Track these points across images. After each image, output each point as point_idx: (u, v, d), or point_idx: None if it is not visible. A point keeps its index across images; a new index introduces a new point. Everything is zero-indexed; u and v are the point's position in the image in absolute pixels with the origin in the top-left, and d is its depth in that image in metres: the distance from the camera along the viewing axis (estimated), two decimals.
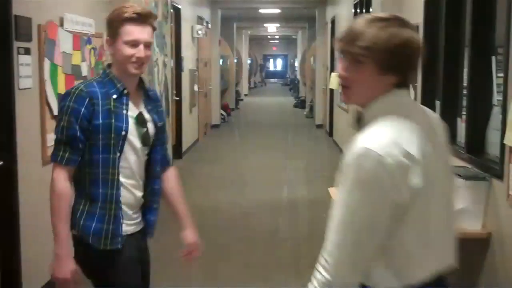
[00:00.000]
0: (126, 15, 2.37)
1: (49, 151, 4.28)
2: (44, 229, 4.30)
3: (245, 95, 25.54)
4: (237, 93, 20.59)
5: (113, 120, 2.36)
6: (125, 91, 2.42)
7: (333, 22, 11.78)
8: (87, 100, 2.33)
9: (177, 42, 9.40)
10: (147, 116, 2.49)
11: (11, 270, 3.92)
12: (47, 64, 4.27)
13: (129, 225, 2.48)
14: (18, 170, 3.86)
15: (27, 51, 4.00)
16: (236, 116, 17.53)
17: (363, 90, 1.71)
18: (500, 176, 3.22)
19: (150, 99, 2.56)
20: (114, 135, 2.36)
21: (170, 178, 2.67)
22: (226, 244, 4.99)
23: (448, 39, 4.39)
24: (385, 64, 1.67)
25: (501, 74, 3.37)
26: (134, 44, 2.38)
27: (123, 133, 2.38)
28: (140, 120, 2.45)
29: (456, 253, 1.87)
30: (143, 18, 2.39)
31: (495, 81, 3.64)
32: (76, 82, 4.80)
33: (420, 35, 4.88)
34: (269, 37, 34.83)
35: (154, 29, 2.48)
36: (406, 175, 1.59)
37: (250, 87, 29.95)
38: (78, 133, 2.33)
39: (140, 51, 2.38)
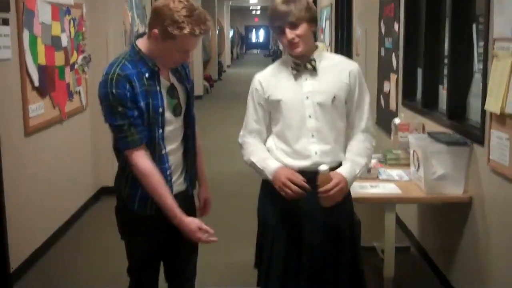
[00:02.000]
0: (194, 31, 2.27)
1: (32, 122, 4.30)
2: (29, 200, 4.31)
3: (228, 66, 25.39)
4: (220, 64, 20.46)
5: (150, 100, 2.35)
6: (156, 69, 2.39)
7: None
8: (127, 83, 2.30)
9: None
10: (177, 85, 2.49)
11: None
12: (26, 35, 4.21)
13: (173, 187, 2.49)
14: (0, 142, 3.82)
15: (5, 22, 3.94)
16: (219, 88, 17.46)
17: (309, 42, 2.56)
18: (481, 141, 3.25)
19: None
20: (153, 114, 2.35)
21: (196, 136, 2.69)
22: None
23: (429, 8, 4.38)
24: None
25: (482, 42, 3.37)
26: (185, 52, 2.37)
27: (161, 110, 2.38)
28: (171, 93, 2.44)
29: None
30: (204, 32, 2.34)
31: (476, 49, 3.65)
32: (56, 53, 4.75)
33: (401, 5, 4.89)
34: (251, 8, 34.52)
35: None
36: None
37: (232, 58, 29.76)
38: (135, 113, 2.32)
39: (187, 57, 2.40)
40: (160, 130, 2.39)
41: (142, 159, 2.35)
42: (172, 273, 2.69)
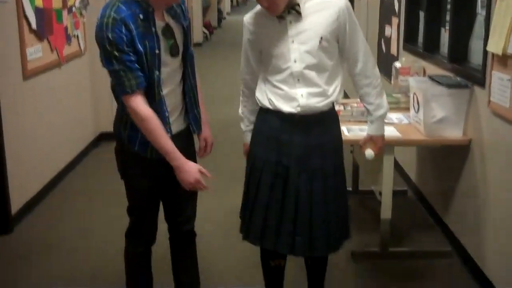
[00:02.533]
0: None
1: (30, 66, 4.27)
2: (28, 144, 4.32)
3: (228, 13, 25.07)
4: (219, 12, 20.20)
5: (147, 42, 2.31)
6: (150, 9, 2.33)
7: None
8: (123, 26, 2.24)
9: None
10: (173, 25, 2.43)
11: None
12: None
13: (172, 127, 2.48)
14: None
15: None
16: (218, 35, 17.28)
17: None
18: (482, 83, 3.23)
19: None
20: (150, 57, 2.32)
21: None
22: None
23: None
24: None
25: None
26: None
27: (157, 51, 2.34)
28: (167, 33, 2.38)
29: None
30: None
31: None
32: None
33: None
34: None
35: None
36: None
37: (232, 6, 29.37)
38: (132, 57, 2.28)
39: None
40: (157, 73, 2.36)
41: (139, 104, 2.32)
42: (171, 214, 2.71)
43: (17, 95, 4.16)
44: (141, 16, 2.29)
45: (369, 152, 2.78)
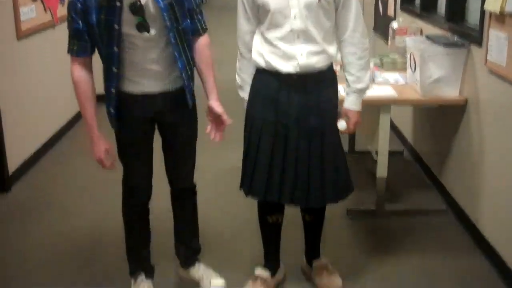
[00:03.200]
0: None
1: (24, 26, 4.24)
2: (23, 103, 4.31)
3: None
4: None
5: (104, 15, 2.31)
6: None
7: None
8: None
9: None
10: (149, 2, 2.36)
11: None
12: None
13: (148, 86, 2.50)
14: None
15: None
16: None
17: None
18: (479, 42, 3.23)
19: None
20: (106, 30, 2.33)
21: (200, 47, 2.59)
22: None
23: None
24: None
25: None
26: None
27: (116, 27, 2.33)
28: (134, 10, 2.34)
29: None
30: None
31: None
32: None
33: None
34: None
35: None
36: None
37: None
38: (81, 26, 2.34)
39: None
40: (116, 49, 2.37)
41: (75, 69, 2.43)
42: (171, 170, 2.76)
43: (11, 55, 4.14)
44: None
45: (341, 124, 2.63)
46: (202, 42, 2.61)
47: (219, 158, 4.53)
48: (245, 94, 2.71)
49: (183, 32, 2.47)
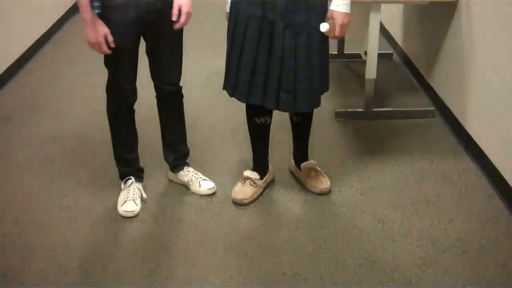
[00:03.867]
0: None
1: None
2: (3, 9, 4.17)
3: None
4: None
5: None
6: None
7: None
8: None
9: None
10: None
11: None
12: None
13: None
14: None
15: None
16: None
17: None
18: None
19: None
20: None
21: None
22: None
23: None
24: None
25: None
26: None
27: None
28: None
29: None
30: None
31: None
32: None
33: None
34: None
35: None
36: None
37: None
38: None
39: None
40: None
41: None
42: (156, 73, 2.73)
43: None
44: None
45: (324, 25, 2.48)
46: None
47: (206, 62, 4.48)
48: None
49: None
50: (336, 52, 4.47)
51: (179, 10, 2.50)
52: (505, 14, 2.83)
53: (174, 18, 2.51)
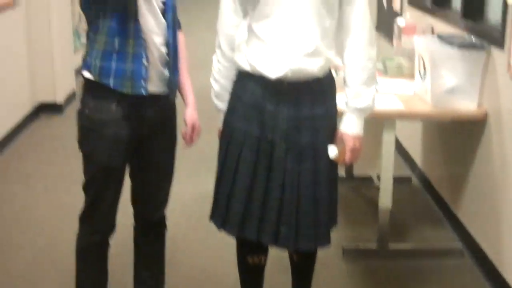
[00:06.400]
0: None
1: None
2: None
3: None
4: None
5: None
6: None
7: None
8: None
9: None
10: None
11: None
12: None
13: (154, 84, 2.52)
14: None
15: None
16: None
17: None
18: (500, 43, 3.23)
19: None
20: None
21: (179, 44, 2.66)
22: None
23: None
24: None
25: None
26: None
27: None
28: None
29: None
30: None
31: None
32: None
33: None
34: None
35: None
36: None
37: None
38: None
39: None
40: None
41: None
42: (140, 197, 2.74)
43: None
44: None
45: (332, 149, 2.54)
46: (181, 39, 2.69)
47: (190, 183, 4.50)
48: (223, 104, 2.67)
49: (170, 9, 2.53)
50: (344, 174, 4.49)
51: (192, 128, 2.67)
52: None
53: (187, 136, 2.66)
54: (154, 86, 2.51)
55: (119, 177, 2.61)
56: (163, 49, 2.52)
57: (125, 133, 2.51)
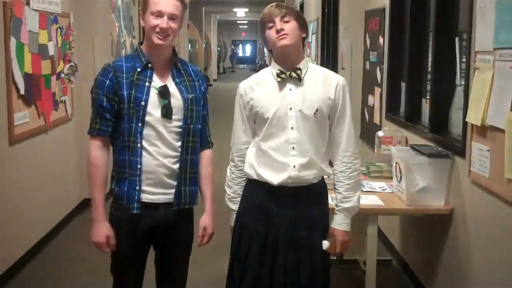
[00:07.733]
0: None
1: (17, 131, 4.29)
2: (12, 209, 4.28)
3: (214, 80, 25.39)
4: (206, 78, 20.43)
5: (133, 91, 2.47)
6: (149, 65, 2.52)
7: (302, 6, 11.80)
8: (112, 73, 2.49)
9: None
10: (172, 89, 2.54)
11: None
12: (13, 42, 4.21)
13: (153, 194, 2.53)
14: None
15: None
16: None
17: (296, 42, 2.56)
18: (462, 153, 3.29)
19: (182, 73, 2.59)
20: (134, 105, 2.47)
21: (204, 159, 2.69)
22: None
23: (413, 23, 4.44)
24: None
25: (464, 57, 3.42)
26: (158, 15, 2.47)
27: (143, 103, 2.48)
28: (162, 92, 2.51)
29: None
30: None
31: (458, 63, 3.70)
32: (43, 62, 4.77)
33: (386, 19, 4.95)
34: (238, 22, 34.67)
35: (183, 4, 2.55)
36: None
37: (219, 73, 29.81)
38: (105, 103, 2.49)
39: (163, 22, 2.46)
40: (140, 124, 2.48)
41: (94, 149, 2.52)
42: (162, 281, 2.73)
43: (3, 160, 4.16)
44: (138, 69, 2.50)
45: (325, 243, 2.58)
46: (210, 155, 2.72)
47: (201, 269, 4.44)
48: (235, 206, 2.70)
49: (191, 132, 2.57)
50: (335, 257, 4.46)
51: (204, 231, 2.65)
52: (499, 226, 2.90)
53: (199, 239, 2.65)
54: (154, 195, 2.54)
55: (138, 264, 2.62)
56: (175, 166, 2.55)
57: (142, 229, 2.54)
